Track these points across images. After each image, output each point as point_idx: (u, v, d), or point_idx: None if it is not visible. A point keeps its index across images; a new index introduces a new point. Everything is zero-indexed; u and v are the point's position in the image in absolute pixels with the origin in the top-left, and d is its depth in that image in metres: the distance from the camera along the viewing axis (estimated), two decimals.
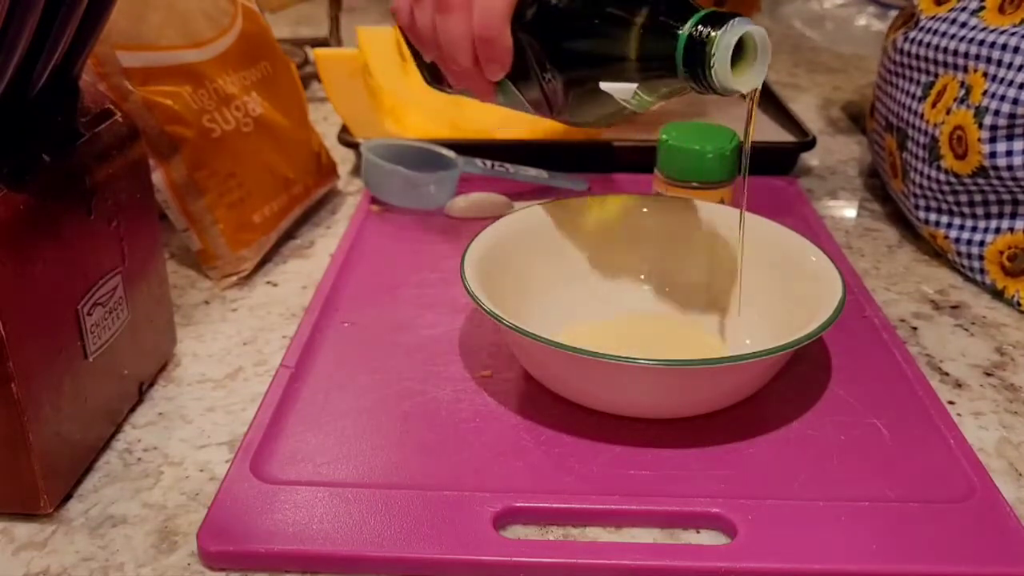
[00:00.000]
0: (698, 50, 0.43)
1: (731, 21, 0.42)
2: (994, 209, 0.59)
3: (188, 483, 0.44)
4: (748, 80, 0.44)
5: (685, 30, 0.43)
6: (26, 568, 0.39)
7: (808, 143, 0.77)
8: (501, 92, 0.52)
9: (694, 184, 0.60)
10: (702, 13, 0.43)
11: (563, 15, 0.47)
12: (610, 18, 0.45)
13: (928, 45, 0.62)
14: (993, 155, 0.57)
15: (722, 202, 0.60)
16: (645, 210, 0.57)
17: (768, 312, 0.51)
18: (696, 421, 0.46)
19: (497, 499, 0.41)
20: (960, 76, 0.60)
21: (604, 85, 0.46)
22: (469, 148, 0.71)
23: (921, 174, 0.63)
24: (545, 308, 0.53)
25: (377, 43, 0.82)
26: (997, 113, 0.56)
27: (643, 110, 0.48)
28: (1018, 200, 0.58)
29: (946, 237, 0.62)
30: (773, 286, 0.52)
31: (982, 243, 0.60)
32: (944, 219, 0.62)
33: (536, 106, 0.51)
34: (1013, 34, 0.56)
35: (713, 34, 0.42)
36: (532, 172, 0.71)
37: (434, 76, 0.57)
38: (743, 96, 0.45)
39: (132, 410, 0.48)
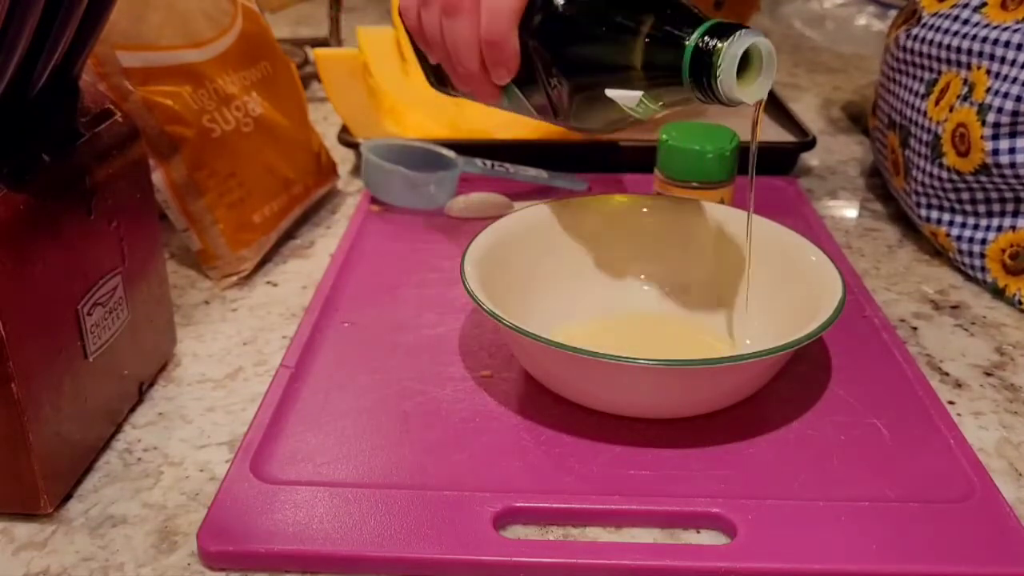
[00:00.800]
0: (704, 61, 0.42)
1: (738, 32, 0.42)
2: (996, 207, 0.59)
3: (188, 483, 0.44)
4: (753, 91, 0.44)
5: (692, 41, 0.43)
6: (26, 568, 0.39)
7: (808, 143, 0.77)
8: (506, 96, 0.52)
9: (694, 184, 0.60)
10: (709, 24, 0.43)
11: (570, 21, 0.46)
12: (617, 26, 0.45)
13: (931, 42, 0.62)
14: (996, 152, 0.57)
15: (722, 202, 0.60)
16: (645, 210, 0.57)
17: (768, 312, 0.51)
18: (696, 421, 0.46)
19: (497, 499, 0.41)
20: (963, 73, 0.60)
21: (610, 92, 0.46)
22: (469, 148, 0.71)
23: (923, 172, 0.63)
24: (545, 308, 0.53)
25: (377, 43, 0.82)
26: (1000, 111, 0.56)
27: (647, 118, 0.48)
28: (1020, 198, 0.58)
29: (947, 235, 0.62)
30: (773, 286, 0.52)
31: (983, 241, 0.60)
32: (946, 217, 0.62)
33: (541, 111, 0.51)
34: (1016, 31, 0.56)
35: (720, 45, 0.42)
36: (532, 172, 0.71)
37: (439, 79, 0.57)
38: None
39: (132, 410, 0.48)
